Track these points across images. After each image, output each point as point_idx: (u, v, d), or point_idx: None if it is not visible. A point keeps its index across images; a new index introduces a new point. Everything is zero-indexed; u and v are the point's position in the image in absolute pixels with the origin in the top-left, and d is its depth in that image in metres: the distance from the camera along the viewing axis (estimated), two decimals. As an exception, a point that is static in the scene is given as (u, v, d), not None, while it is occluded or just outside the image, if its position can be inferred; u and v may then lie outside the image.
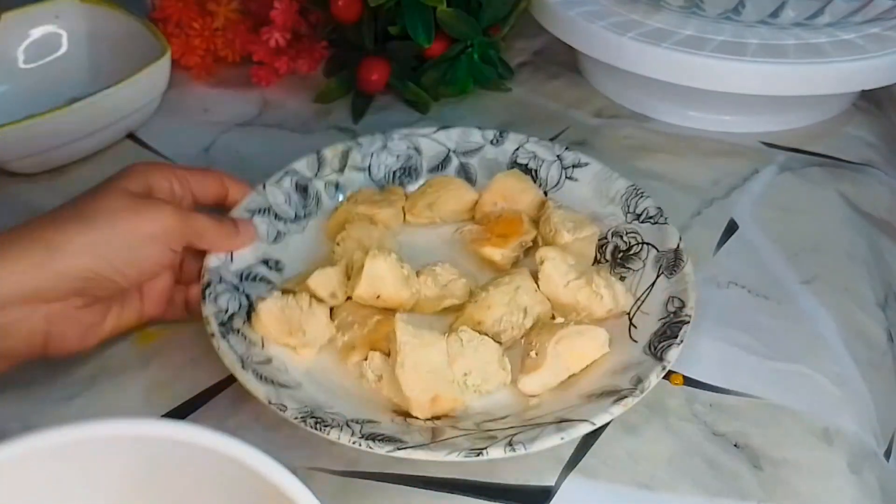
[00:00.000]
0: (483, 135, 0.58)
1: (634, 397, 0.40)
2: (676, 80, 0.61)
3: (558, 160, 0.56)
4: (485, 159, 0.57)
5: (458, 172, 0.57)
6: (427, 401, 0.42)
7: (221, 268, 0.47)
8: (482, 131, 0.58)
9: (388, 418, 0.42)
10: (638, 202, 0.52)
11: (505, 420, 0.42)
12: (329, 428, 0.39)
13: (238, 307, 0.46)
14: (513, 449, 0.38)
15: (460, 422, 0.42)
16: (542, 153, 0.56)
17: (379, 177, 0.57)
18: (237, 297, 0.47)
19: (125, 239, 0.42)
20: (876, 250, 0.56)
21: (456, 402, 0.42)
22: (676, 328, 0.44)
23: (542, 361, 0.43)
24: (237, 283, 0.47)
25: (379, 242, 0.50)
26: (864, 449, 0.43)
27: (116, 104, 0.60)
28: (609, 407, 0.40)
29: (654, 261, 0.49)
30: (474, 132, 0.58)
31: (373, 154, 0.57)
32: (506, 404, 0.44)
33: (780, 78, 0.59)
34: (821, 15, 0.64)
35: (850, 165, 0.62)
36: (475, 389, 0.43)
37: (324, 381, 0.44)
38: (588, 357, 0.44)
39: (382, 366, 0.44)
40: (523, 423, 0.41)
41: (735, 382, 0.46)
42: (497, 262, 0.51)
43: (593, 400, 0.41)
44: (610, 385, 0.42)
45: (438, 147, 0.58)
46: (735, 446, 0.43)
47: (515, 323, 0.46)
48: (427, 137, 0.58)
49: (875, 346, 0.49)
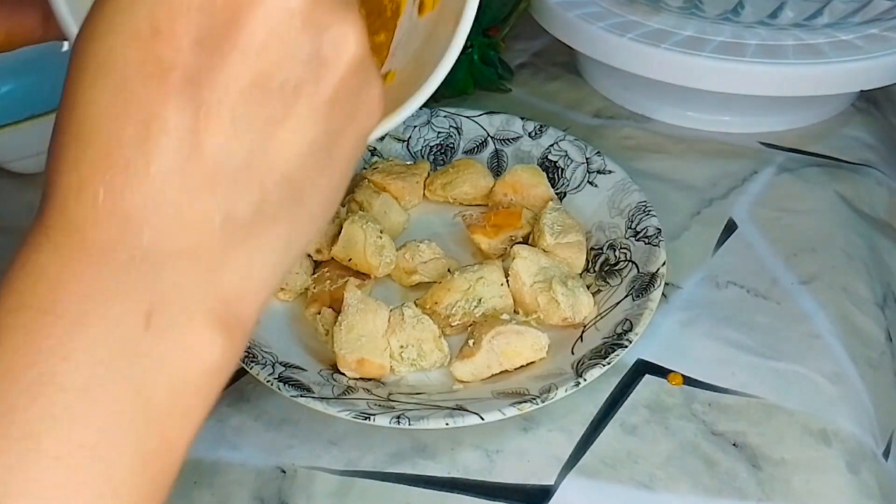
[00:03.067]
0: (524, 125, 0.59)
1: (534, 404, 0.41)
2: (676, 80, 0.61)
3: (585, 163, 0.56)
4: (519, 150, 0.59)
5: (491, 158, 0.59)
6: (353, 361, 0.44)
7: None
8: (524, 122, 0.59)
9: (316, 370, 0.45)
10: (642, 219, 0.52)
11: (419, 397, 0.44)
12: (253, 363, 0.43)
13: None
14: (398, 422, 0.40)
15: (381, 389, 0.44)
16: (574, 153, 0.57)
17: (416, 149, 0.59)
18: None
19: None
20: (874, 250, 0.56)
21: (383, 368, 0.45)
22: (611, 350, 0.44)
23: (476, 351, 0.45)
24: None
25: (379, 211, 0.52)
26: (862, 449, 0.44)
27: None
28: (506, 407, 0.41)
29: (630, 280, 0.49)
30: (516, 121, 0.60)
31: (415, 127, 0.58)
32: (433, 384, 0.45)
33: (779, 78, 0.59)
34: (820, 16, 0.64)
35: (848, 166, 0.62)
36: (411, 363, 0.46)
37: (283, 325, 0.48)
38: (523, 357, 0.45)
39: (332, 322, 0.46)
40: (428, 403, 0.42)
41: (734, 382, 0.46)
42: (483, 251, 0.52)
43: (500, 397, 0.43)
44: (523, 387, 0.43)
45: (479, 130, 0.60)
46: (734, 446, 0.43)
47: (467, 310, 0.47)
48: (471, 119, 0.60)
49: (874, 346, 0.49)
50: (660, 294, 0.47)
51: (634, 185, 0.54)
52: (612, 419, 0.44)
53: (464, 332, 0.48)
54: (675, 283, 0.51)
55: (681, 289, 0.51)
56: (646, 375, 0.46)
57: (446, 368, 0.46)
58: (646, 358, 0.47)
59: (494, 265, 0.49)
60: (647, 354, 0.47)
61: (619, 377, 0.46)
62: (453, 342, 0.47)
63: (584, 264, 0.51)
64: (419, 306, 0.47)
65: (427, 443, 0.43)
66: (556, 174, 0.57)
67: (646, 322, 0.45)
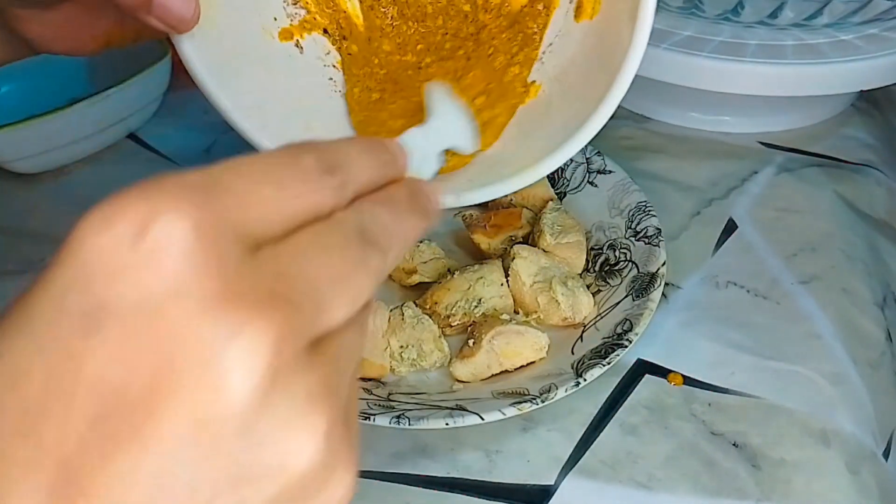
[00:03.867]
0: None
1: (534, 404, 0.41)
2: (675, 80, 0.61)
3: (585, 163, 0.56)
4: None
5: None
6: None
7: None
8: None
9: None
10: (642, 219, 0.52)
11: (420, 396, 0.44)
12: None
13: None
14: (398, 422, 0.40)
15: (381, 389, 0.44)
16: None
17: None
18: None
19: None
20: (874, 250, 0.56)
21: (383, 369, 0.45)
22: (611, 350, 0.44)
23: (476, 351, 0.45)
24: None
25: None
26: (862, 449, 0.44)
27: (117, 105, 0.60)
28: (506, 407, 0.41)
29: (630, 280, 0.49)
30: None
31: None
32: (433, 384, 0.45)
33: (779, 78, 0.59)
34: (819, 16, 0.64)
35: (848, 166, 0.62)
36: (411, 363, 0.45)
37: None
38: (523, 357, 0.45)
39: None
40: (428, 403, 0.42)
41: (734, 382, 0.46)
42: (483, 251, 0.52)
43: (500, 397, 0.43)
44: (523, 387, 0.43)
45: None
46: (733, 446, 0.43)
47: (467, 310, 0.47)
48: None
49: (873, 346, 0.49)
50: (660, 294, 0.47)
51: (634, 185, 0.54)
52: (612, 419, 0.44)
53: (464, 332, 0.48)
54: (674, 283, 0.51)
55: (681, 289, 0.51)
56: (646, 375, 0.46)
57: (446, 368, 0.46)
58: (646, 358, 0.47)
59: (494, 265, 0.49)
60: (647, 354, 0.47)
61: (619, 377, 0.46)
62: (453, 342, 0.47)
63: (584, 264, 0.51)
64: (419, 306, 0.48)
65: (427, 443, 0.43)
66: (555, 174, 0.57)
67: (646, 322, 0.45)
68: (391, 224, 0.21)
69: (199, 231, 0.17)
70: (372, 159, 0.22)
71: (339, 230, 0.19)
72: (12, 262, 0.53)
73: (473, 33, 0.41)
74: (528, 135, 0.38)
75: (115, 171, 0.61)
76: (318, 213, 0.19)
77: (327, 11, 0.42)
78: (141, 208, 0.16)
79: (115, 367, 0.16)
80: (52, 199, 0.47)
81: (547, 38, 0.39)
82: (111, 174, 0.61)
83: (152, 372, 0.16)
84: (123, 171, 0.61)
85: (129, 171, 0.61)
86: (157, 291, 0.16)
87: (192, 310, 0.16)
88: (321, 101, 0.41)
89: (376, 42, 0.42)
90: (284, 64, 0.40)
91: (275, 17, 0.40)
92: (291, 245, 0.18)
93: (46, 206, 0.44)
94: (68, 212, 0.58)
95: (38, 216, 0.57)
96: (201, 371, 0.16)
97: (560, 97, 0.38)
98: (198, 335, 0.16)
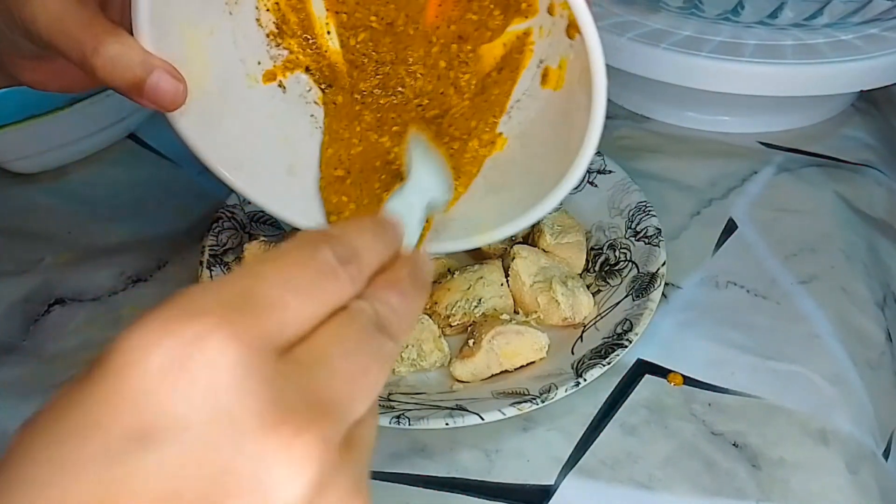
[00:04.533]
0: None
1: (534, 404, 0.41)
2: (675, 80, 0.61)
3: None
4: None
5: None
6: None
7: (236, 207, 0.51)
8: None
9: None
10: (642, 219, 0.52)
11: (420, 396, 0.44)
12: None
13: (237, 244, 0.49)
14: (398, 422, 0.40)
15: (383, 389, 0.44)
16: None
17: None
18: (240, 235, 0.50)
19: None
20: (874, 250, 0.56)
21: None
22: (611, 350, 0.44)
23: (476, 351, 0.45)
24: (246, 222, 0.51)
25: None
26: (861, 449, 0.44)
27: (117, 104, 0.60)
28: (506, 407, 0.41)
29: (630, 280, 0.49)
30: None
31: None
32: (433, 384, 0.45)
33: (779, 78, 0.59)
34: (819, 16, 0.64)
35: (847, 166, 0.62)
36: (411, 363, 0.45)
37: None
38: (523, 357, 0.45)
39: None
40: (428, 403, 0.42)
41: (733, 382, 0.46)
42: (483, 251, 0.52)
43: (500, 397, 0.43)
44: (522, 387, 0.43)
45: None
46: (733, 446, 0.43)
47: (467, 310, 0.47)
48: None
49: (873, 346, 0.49)
50: (660, 294, 0.47)
51: (634, 185, 0.54)
52: (612, 419, 0.44)
53: (464, 332, 0.48)
54: (674, 284, 0.51)
55: (680, 289, 0.51)
56: (646, 375, 0.46)
57: (446, 368, 0.46)
58: (646, 358, 0.47)
59: (494, 265, 0.49)
60: (646, 354, 0.47)
61: (619, 377, 0.46)
62: (453, 342, 0.47)
63: (583, 264, 0.51)
64: (419, 306, 0.48)
65: (427, 443, 0.43)
66: None
67: (646, 322, 0.45)
68: (400, 307, 0.23)
69: (240, 353, 0.18)
70: (379, 242, 0.24)
71: (357, 322, 0.21)
72: (12, 262, 0.53)
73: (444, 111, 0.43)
74: (494, 191, 0.41)
75: (115, 171, 0.61)
76: (337, 306, 0.21)
77: (309, 52, 0.43)
78: (186, 332, 0.18)
79: (168, 485, 0.17)
80: (52, 198, 0.46)
81: (515, 94, 0.42)
82: (111, 174, 0.61)
83: (206, 491, 0.17)
84: (123, 171, 0.61)
85: (129, 171, 0.61)
86: (206, 413, 0.17)
87: (240, 430, 0.17)
88: (303, 139, 0.42)
89: (358, 105, 0.43)
90: (268, 105, 0.41)
91: (259, 62, 0.41)
92: (317, 348, 0.20)
93: (46, 206, 0.44)
94: (67, 212, 0.58)
95: (37, 216, 0.57)
96: (254, 487, 0.17)
97: (523, 157, 0.41)
98: (249, 453, 0.17)
